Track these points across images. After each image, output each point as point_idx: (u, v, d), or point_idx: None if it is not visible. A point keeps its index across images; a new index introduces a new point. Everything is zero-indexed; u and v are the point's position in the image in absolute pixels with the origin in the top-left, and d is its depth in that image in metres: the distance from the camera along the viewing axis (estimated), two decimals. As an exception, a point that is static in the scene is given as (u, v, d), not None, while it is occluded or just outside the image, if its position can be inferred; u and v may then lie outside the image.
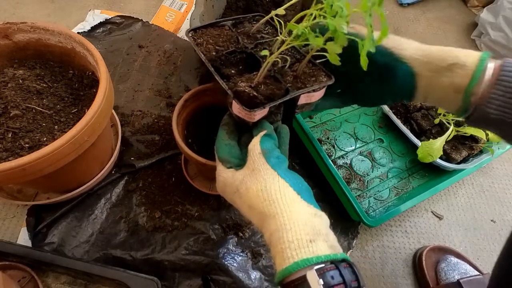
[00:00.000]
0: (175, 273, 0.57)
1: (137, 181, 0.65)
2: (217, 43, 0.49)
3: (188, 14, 0.94)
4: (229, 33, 0.51)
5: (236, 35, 0.50)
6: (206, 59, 0.45)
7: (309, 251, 0.30)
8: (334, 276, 0.29)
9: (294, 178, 0.36)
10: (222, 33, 0.51)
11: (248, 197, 0.36)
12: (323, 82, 0.44)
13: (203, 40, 0.49)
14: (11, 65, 0.55)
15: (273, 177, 0.35)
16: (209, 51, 0.47)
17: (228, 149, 0.41)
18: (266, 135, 0.39)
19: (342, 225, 0.67)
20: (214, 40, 0.49)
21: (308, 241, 0.31)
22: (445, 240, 0.71)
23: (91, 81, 0.56)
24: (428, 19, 1.14)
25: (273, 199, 0.34)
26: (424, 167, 0.78)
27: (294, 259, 0.30)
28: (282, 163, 0.37)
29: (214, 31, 0.51)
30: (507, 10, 0.96)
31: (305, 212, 0.33)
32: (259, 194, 0.35)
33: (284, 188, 0.34)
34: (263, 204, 0.34)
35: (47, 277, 0.54)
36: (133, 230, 0.60)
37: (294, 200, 0.34)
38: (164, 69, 0.81)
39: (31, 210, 0.59)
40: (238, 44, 0.49)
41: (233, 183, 0.39)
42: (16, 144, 0.47)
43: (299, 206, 0.33)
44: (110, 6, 0.93)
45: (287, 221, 0.32)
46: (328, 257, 0.30)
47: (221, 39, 0.50)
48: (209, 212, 0.63)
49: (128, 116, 0.71)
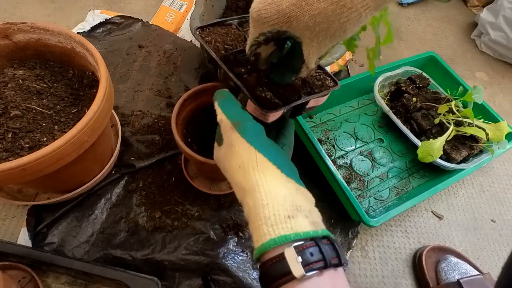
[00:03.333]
0: (175, 273, 0.57)
1: (137, 181, 0.65)
2: (225, 42, 0.49)
3: (188, 14, 0.94)
4: (236, 32, 0.51)
5: (244, 34, 0.50)
6: (218, 57, 0.45)
7: (287, 228, 0.29)
8: (314, 253, 0.28)
9: (273, 151, 0.35)
10: (230, 32, 0.51)
11: (230, 174, 0.35)
12: (330, 88, 0.45)
13: (211, 38, 0.49)
14: (11, 65, 0.55)
15: (249, 152, 0.34)
16: (218, 49, 0.47)
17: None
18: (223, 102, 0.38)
19: (342, 225, 0.67)
20: (222, 39, 0.49)
21: (287, 217, 0.30)
22: (445, 240, 0.71)
23: (91, 81, 0.56)
24: (428, 19, 1.14)
25: (251, 175, 0.32)
26: (424, 167, 0.78)
27: (271, 235, 0.29)
28: (259, 134, 0.35)
29: (221, 29, 0.51)
30: (507, 10, 0.96)
31: (284, 187, 0.32)
32: (238, 170, 0.34)
33: (262, 163, 0.33)
34: (242, 180, 0.33)
35: (47, 277, 0.54)
36: (133, 230, 0.60)
37: (273, 175, 0.32)
38: (164, 69, 0.81)
39: (31, 210, 0.59)
40: (246, 43, 0.49)
41: (220, 161, 0.38)
42: (16, 144, 0.47)
43: (278, 181, 0.32)
44: (110, 6, 0.93)
45: (264, 196, 0.31)
46: (308, 234, 0.29)
47: (229, 37, 0.50)
48: (209, 212, 0.63)
49: (128, 116, 0.71)
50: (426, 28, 1.10)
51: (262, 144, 0.34)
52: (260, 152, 0.33)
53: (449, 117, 0.75)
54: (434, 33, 1.10)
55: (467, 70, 1.02)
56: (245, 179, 0.33)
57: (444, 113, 0.76)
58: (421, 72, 0.87)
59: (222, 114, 0.37)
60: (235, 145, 0.35)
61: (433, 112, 0.78)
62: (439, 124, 0.76)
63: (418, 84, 0.83)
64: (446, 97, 0.80)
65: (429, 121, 0.76)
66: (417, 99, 0.79)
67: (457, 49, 1.07)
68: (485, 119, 0.78)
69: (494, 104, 0.96)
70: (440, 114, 0.76)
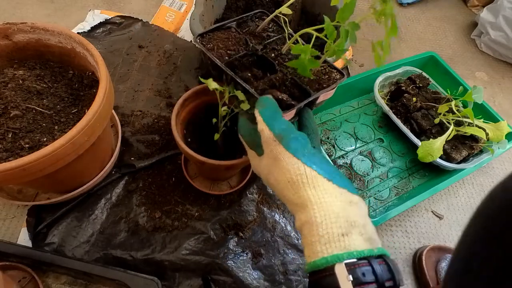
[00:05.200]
0: (175, 273, 0.57)
1: (137, 181, 0.65)
2: (227, 47, 0.49)
3: (188, 14, 0.94)
4: (236, 36, 0.50)
5: (244, 37, 0.50)
6: (223, 64, 0.45)
7: (340, 246, 0.28)
8: (366, 273, 0.27)
9: (321, 162, 0.33)
10: (230, 36, 0.50)
11: (279, 189, 0.34)
12: (338, 80, 0.45)
13: (213, 45, 0.48)
14: (11, 66, 0.55)
15: (298, 166, 0.32)
16: (222, 56, 0.47)
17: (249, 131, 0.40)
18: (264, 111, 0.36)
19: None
20: (223, 44, 0.49)
21: (340, 234, 0.29)
22: (445, 240, 0.71)
23: (91, 81, 0.56)
24: (428, 19, 1.14)
25: (302, 191, 0.32)
26: (424, 166, 0.78)
27: (324, 254, 0.28)
28: (304, 145, 0.34)
29: (221, 34, 0.50)
30: (507, 10, 0.96)
31: (338, 201, 0.31)
32: (288, 186, 0.33)
33: (313, 177, 0.32)
34: (293, 196, 0.32)
35: (48, 277, 0.54)
36: (133, 230, 0.60)
37: (325, 189, 0.31)
38: (164, 69, 0.81)
39: (32, 210, 0.59)
40: (248, 46, 0.49)
41: (261, 173, 0.38)
42: (16, 144, 0.47)
43: (330, 195, 0.31)
44: (110, 6, 0.93)
45: (317, 213, 0.30)
46: (362, 253, 0.28)
47: (230, 42, 0.49)
48: (209, 212, 0.63)
49: (128, 116, 0.71)
50: (426, 28, 1.10)
51: (309, 157, 0.33)
52: (309, 165, 0.32)
53: (449, 117, 0.75)
54: (434, 33, 1.10)
55: (467, 70, 1.02)
56: (296, 195, 0.32)
57: (444, 113, 0.76)
58: (421, 72, 0.87)
59: (264, 125, 0.35)
60: (280, 159, 0.34)
61: (433, 112, 0.78)
62: (439, 124, 0.76)
63: (418, 84, 0.83)
64: (446, 97, 0.80)
65: (429, 121, 0.76)
66: (417, 99, 0.79)
67: (457, 49, 1.07)
68: (485, 119, 0.78)
69: (494, 104, 0.96)
70: (440, 114, 0.76)
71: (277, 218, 0.65)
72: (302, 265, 0.61)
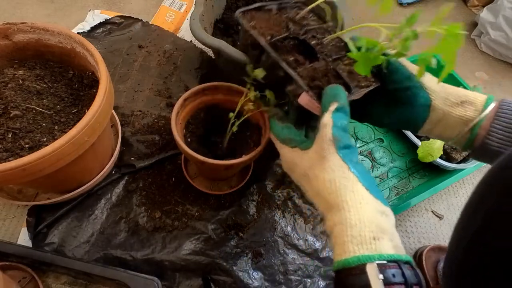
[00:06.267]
0: (176, 273, 0.57)
1: (137, 181, 0.65)
2: (269, 28, 0.47)
3: (188, 14, 0.94)
4: (277, 18, 0.49)
5: (286, 21, 0.48)
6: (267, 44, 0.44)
7: (371, 248, 0.30)
8: (396, 274, 0.28)
9: (363, 172, 0.35)
10: (271, 17, 0.49)
11: (316, 184, 0.36)
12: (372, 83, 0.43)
13: (255, 23, 0.46)
14: (11, 66, 0.55)
15: (343, 170, 0.34)
16: (264, 35, 0.45)
17: (287, 130, 0.42)
18: (339, 110, 0.36)
19: (342, 225, 0.67)
20: (265, 24, 0.47)
21: (372, 238, 0.31)
22: (446, 240, 0.71)
23: (91, 81, 0.56)
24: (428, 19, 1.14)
25: (341, 193, 0.33)
26: (424, 166, 0.78)
27: (356, 253, 0.30)
28: (353, 153, 0.36)
29: (262, 14, 0.49)
30: (507, 10, 0.96)
31: (372, 209, 0.33)
32: (327, 184, 0.35)
33: (354, 182, 0.34)
34: (330, 196, 0.34)
35: (48, 277, 0.54)
36: (133, 230, 0.60)
37: (362, 196, 0.33)
38: (164, 69, 0.81)
39: (32, 210, 0.59)
40: (289, 30, 0.47)
41: (301, 165, 0.38)
42: (16, 144, 0.47)
43: (366, 202, 0.33)
44: (110, 6, 0.93)
45: (353, 216, 0.32)
46: (391, 257, 0.30)
47: (271, 23, 0.48)
48: (209, 212, 0.63)
49: (128, 116, 0.71)
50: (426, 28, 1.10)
51: (355, 165, 0.35)
52: (353, 172, 0.34)
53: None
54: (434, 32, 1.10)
55: (467, 70, 1.03)
56: (333, 196, 0.34)
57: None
58: (421, 72, 0.87)
59: (330, 120, 0.36)
60: (328, 159, 0.35)
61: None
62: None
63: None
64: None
65: (429, 121, 0.76)
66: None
67: (457, 49, 1.07)
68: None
69: (494, 104, 0.96)
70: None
71: (277, 218, 0.65)
72: (302, 265, 0.61)
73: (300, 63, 0.44)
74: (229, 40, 0.78)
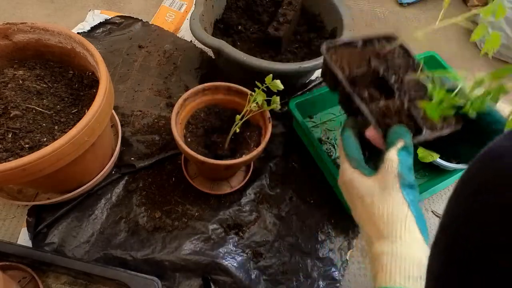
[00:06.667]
0: (176, 273, 0.57)
1: (137, 181, 0.65)
2: (350, 63, 0.49)
3: (188, 14, 0.94)
4: (360, 53, 0.51)
5: (369, 56, 0.50)
6: (344, 78, 0.46)
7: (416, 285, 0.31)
8: None
9: (420, 213, 0.36)
10: (354, 53, 0.51)
11: (372, 211, 0.37)
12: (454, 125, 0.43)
13: (336, 58, 0.50)
14: (11, 66, 0.55)
15: (403, 208, 0.36)
16: (343, 70, 0.48)
17: (356, 149, 0.42)
18: (404, 149, 0.38)
19: (342, 225, 0.67)
20: (347, 60, 0.50)
21: (418, 277, 0.32)
22: (445, 240, 0.71)
23: (91, 81, 0.56)
24: (428, 19, 1.14)
25: (397, 228, 0.35)
26: (424, 167, 0.78)
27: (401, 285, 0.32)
28: (415, 193, 0.37)
29: (345, 50, 0.51)
30: (507, 10, 0.96)
31: (422, 251, 0.34)
32: (384, 216, 0.36)
33: (410, 222, 0.35)
34: (384, 226, 0.36)
35: (48, 277, 0.54)
36: (133, 230, 0.60)
37: (416, 237, 0.35)
38: (164, 69, 0.81)
39: (32, 210, 0.59)
40: (370, 65, 0.49)
41: (360, 189, 0.39)
42: (16, 144, 0.47)
43: (417, 244, 0.34)
44: (110, 6, 0.93)
45: (403, 250, 0.34)
46: None
47: (353, 58, 0.50)
48: (209, 212, 0.63)
49: (128, 116, 0.71)
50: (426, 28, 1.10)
51: (415, 205, 0.36)
52: (412, 211, 0.35)
53: None
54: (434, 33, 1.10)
55: (467, 70, 1.02)
56: (388, 228, 0.35)
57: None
58: (421, 72, 0.87)
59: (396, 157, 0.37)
60: (390, 193, 0.36)
61: (433, 112, 0.77)
62: (439, 124, 0.76)
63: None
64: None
65: (429, 121, 0.76)
66: (417, 99, 0.79)
67: (457, 49, 1.07)
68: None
69: (494, 104, 0.96)
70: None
71: (277, 218, 0.65)
72: (302, 265, 0.61)
73: (374, 99, 0.45)
74: (229, 40, 0.78)
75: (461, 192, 0.19)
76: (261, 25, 0.82)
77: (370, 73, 0.48)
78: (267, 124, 0.56)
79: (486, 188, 0.16)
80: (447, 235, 0.20)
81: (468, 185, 0.18)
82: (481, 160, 0.17)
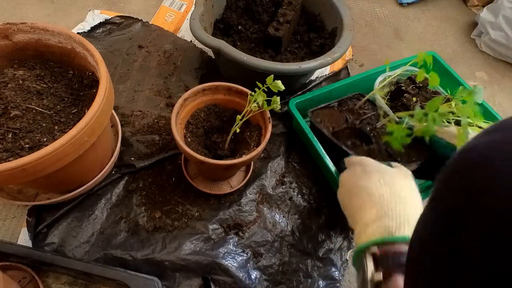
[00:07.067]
0: (176, 273, 0.57)
1: (137, 181, 0.65)
2: (331, 121, 0.63)
3: (188, 14, 0.94)
4: (337, 113, 0.65)
5: (345, 115, 0.64)
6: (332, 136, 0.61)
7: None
8: None
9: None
10: (333, 113, 0.65)
11: (350, 206, 0.50)
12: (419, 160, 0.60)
13: (320, 119, 0.64)
14: (11, 66, 0.55)
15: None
16: (327, 128, 0.62)
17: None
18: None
19: (342, 225, 0.67)
20: (328, 119, 0.64)
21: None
22: (445, 240, 0.70)
23: (91, 81, 0.56)
24: (428, 19, 1.14)
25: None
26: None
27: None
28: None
29: (325, 111, 0.65)
30: (507, 10, 0.96)
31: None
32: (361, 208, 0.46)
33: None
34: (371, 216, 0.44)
35: (48, 277, 0.54)
36: (133, 230, 0.60)
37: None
38: (164, 69, 0.81)
39: (32, 210, 0.59)
40: (347, 122, 0.63)
41: (386, 173, 0.48)
42: (16, 144, 0.47)
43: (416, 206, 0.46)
44: (110, 6, 0.93)
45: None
46: None
47: (333, 117, 0.64)
48: (209, 212, 0.63)
49: (128, 116, 0.71)
50: (426, 28, 1.10)
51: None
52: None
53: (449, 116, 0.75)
54: (434, 32, 1.10)
55: (467, 70, 1.02)
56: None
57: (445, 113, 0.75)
58: (421, 72, 0.87)
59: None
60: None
61: (433, 112, 0.77)
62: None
63: (418, 83, 0.82)
64: (446, 97, 0.80)
65: (429, 121, 0.76)
66: (417, 98, 0.79)
67: (457, 49, 1.07)
68: (485, 119, 0.77)
69: (494, 104, 0.96)
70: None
71: (277, 218, 0.65)
72: (302, 265, 0.61)
73: (357, 146, 0.60)
74: (229, 40, 0.78)
75: (440, 176, 0.22)
76: (261, 25, 0.82)
77: (349, 127, 0.62)
78: (267, 124, 0.56)
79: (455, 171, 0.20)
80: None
81: (445, 170, 0.21)
82: (456, 153, 0.21)
